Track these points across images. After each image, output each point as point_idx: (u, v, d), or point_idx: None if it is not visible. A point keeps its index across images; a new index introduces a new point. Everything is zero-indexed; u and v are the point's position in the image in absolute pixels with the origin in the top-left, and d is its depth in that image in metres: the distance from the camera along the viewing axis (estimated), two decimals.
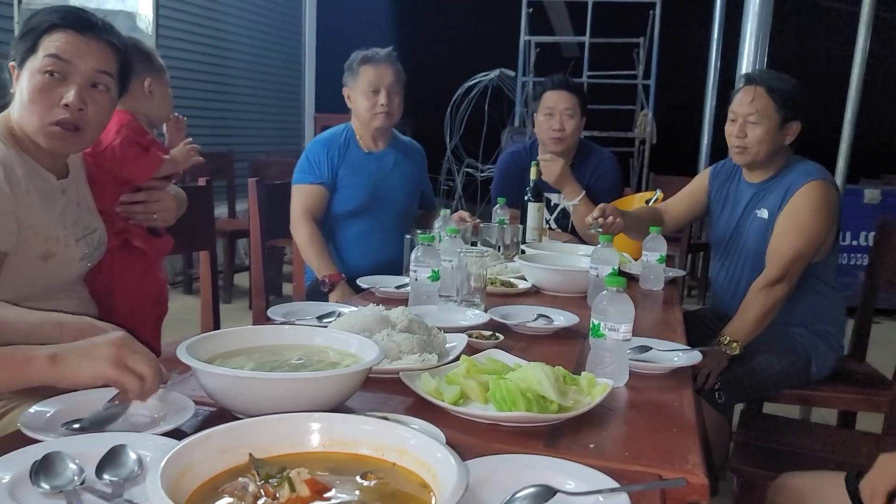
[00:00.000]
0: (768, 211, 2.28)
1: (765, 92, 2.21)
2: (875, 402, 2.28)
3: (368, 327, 1.38)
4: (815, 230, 2.17)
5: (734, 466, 1.88)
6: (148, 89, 1.87)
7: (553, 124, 2.91)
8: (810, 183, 2.18)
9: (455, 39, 8.64)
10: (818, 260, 2.26)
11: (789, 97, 2.19)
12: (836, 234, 2.28)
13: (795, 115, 2.21)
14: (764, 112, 2.20)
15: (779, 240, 2.20)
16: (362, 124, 2.72)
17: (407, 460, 0.82)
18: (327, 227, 2.71)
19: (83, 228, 1.59)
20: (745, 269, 2.35)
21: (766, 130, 2.21)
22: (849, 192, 3.93)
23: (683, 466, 0.99)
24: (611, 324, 1.32)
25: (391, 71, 2.67)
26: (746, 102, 2.23)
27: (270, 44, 7.43)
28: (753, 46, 3.73)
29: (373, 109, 2.65)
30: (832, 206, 2.19)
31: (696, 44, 7.23)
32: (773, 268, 2.18)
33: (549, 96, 2.95)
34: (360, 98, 2.66)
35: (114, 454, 0.89)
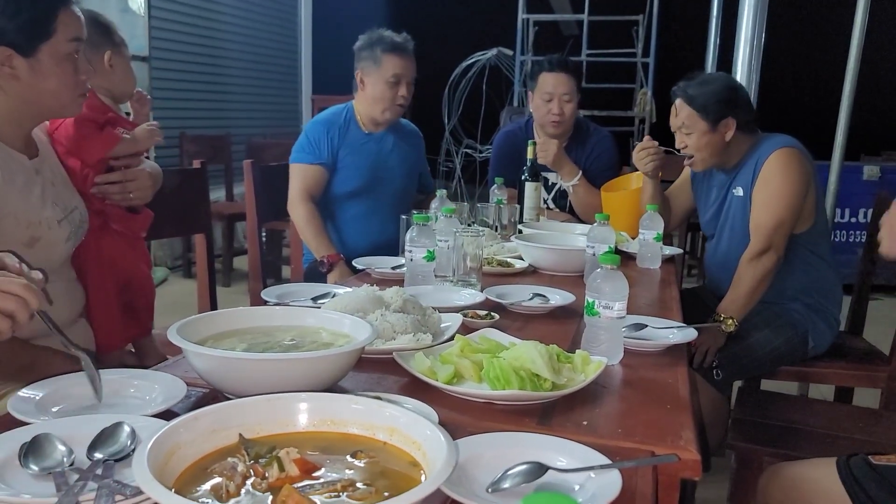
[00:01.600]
0: (743, 188, 2.32)
1: (685, 103, 2.29)
2: (873, 378, 2.29)
3: (362, 308, 1.37)
4: (789, 196, 2.19)
5: (732, 443, 1.88)
6: (108, 63, 1.80)
7: (552, 108, 2.90)
8: (776, 152, 2.22)
9: (452, 18, 8.58)
10: (804, 230, 2.28)
11: (708, 102, 2.25)
12: (816, 202, 2.29)
13: (724, 114, 2.26)
14: (689, 122, 2.29)
15: (757, 211, 2.23)
16: (371, 109, 2.67)
17: (397, 439, 0.82)
18: (326, 208, 2.70)
19: (63, 208, 1.57)
20: (732, 247, 2.36)
21: (699, 136, 2.29)
22: (848, 168, 3.92)
23: (676, 443, 0.99)
24: (605, 301, 1.31)
25: (412, 63, 2.66)
26: (674, 116, 2.35)
27: (267, 25, 7.38)
28: (751, 22, 3.69)
29: (393, 100, 2.62)
30: (803, 170, 2.21)
31: (695, 21, 7.16)
32: (757, 239, 2.20)
33: (546, 79, 2.92)
34: (381, 85, 2.61)
35: (106, 434, 0.89)
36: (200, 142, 5.63)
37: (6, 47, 1.41)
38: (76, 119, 1.70)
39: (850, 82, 3.11)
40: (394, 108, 2.65)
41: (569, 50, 7.60)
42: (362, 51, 2.66)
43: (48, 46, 1.44)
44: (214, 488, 0.72)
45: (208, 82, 6.46)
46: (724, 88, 2.28)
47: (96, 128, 1.74)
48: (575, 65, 3.04)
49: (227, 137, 5.80)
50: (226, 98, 6.75)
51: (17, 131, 1.50)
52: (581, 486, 0.85)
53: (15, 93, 1.45)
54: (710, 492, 2.35)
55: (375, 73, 2.61)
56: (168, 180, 2.01)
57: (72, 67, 1.49)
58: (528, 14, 7.40)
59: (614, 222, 2.08)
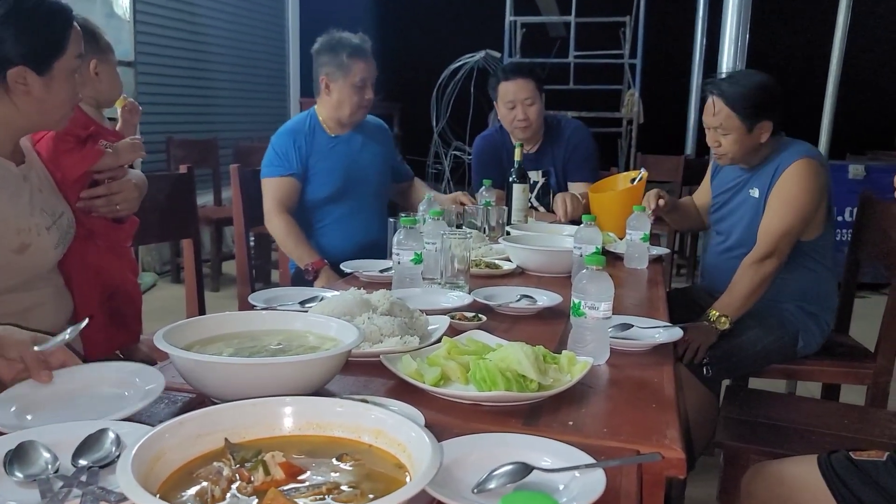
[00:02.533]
0: (759, 190, 2.31)
1: (724, 104, 2.22)
2: (859, 376, 2.30)
3: (349, 311, 1.37)
4: (803, 206, 2.19)
5: (720, 442, 1.89)
6: (94, 71, 1.80)
7: (517, 114, 2.94)
8: (798, 161, 2.21)
9: (440, 21, 8.59)
10: (811, 239, 2.29)
11: (749, 104, 2.20)
12: (827, 213, 2.30)
13: (762, 117, 2.22)
14: (728, 123, 2.23)
15: (769, 217, 2.23)
16: (337, 113, 2.67)
17: (383, 441, 0.82)
18: (305, 217, 2.69)
19: (51, 214, 1.56)
20: (737, 246, 2.37)
21: (735, 138, 2.24)
22: (834, 167, 3.94)
23: (661, 441, 1.00)
24: (591, 302, 1.32)
25: (374, 65, 2.68)
26: (710, 115, 2.27)
27: (253, 28, 7.36)
28: (735, 24, 3.72)
29: (360, 104, 2.64)
30: (820, 183, 2.22)
31: (681, 22, 7.22)
32: (763, 244, 2.21)
33: (506, 87, 2.95)
34: (348, 90, 2.62)
35: (91, 441, 0.89)
36: (187, 146, 5.61)
37: (23, 66, 1.43)
38: (55, 135, 1.68)
39: (832, 83, 3.14)
40: (361, 110, 2.67)
41: (556, 51, 7.64)
42: (323, 55, 2.66)
43: (60, 63, 1.47)
44: (200, 493, 0.72)
45: (195, 86, 6.44)
46: (760, 89, 2.23)
47: (77, 142, 1.73)
48: (530, 67, 3.06)
49: (214, 141, 5.78)
50: (213, 102, 6.73)
51: (6, 140, 1.49)
52: (566, 486, 0.85)
53: (24, 108, 1.47)
54: (699, 490, 2.37)
55: (342, 78, 2.62)
56: (155, 185, 2.00)
57: (74, 82, 1.53)
58: (515, 16, 7.43)
59: (602, 223, 2.10)
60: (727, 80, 2.28)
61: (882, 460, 1.38)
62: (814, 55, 4.35)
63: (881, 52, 7.99)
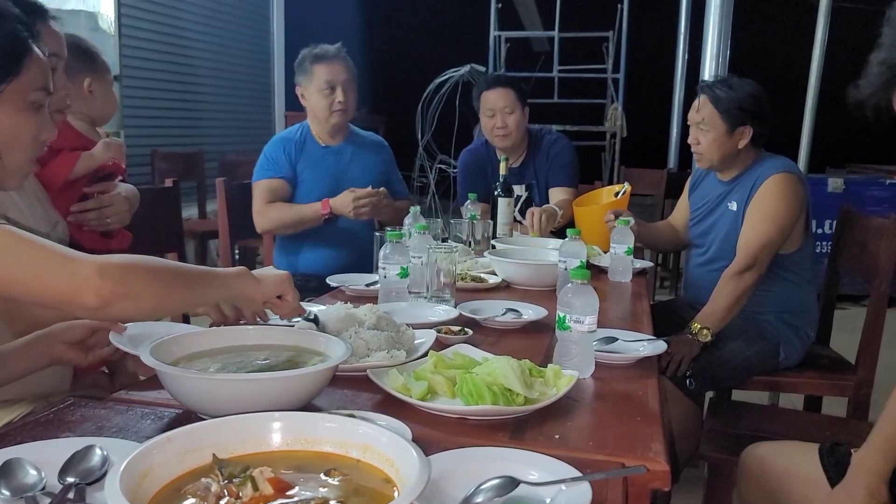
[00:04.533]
0: (737, 203, 2.35)
1: (709, 101, 2.31)
2: (840, 387, 2.32)
3: (335, 326, 1.38)
4: (781, 219, 2.23)
5: (704, 454, 1.90)
6: (88, 89, 1.81)
7: (496, 122, 2.97)
8: (776, 175, 2.25)
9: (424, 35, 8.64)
10: (791, 252, 2.32)
11: (733, 106, 2.28)
12: (805, 226, 2.33)
13: (743, 121, 2.29)
14: (710, 120, 2.30)
15: (748, 230, 2.26)
16: (319, 121, 2.73)
17: (371, 456, 0.82)
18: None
19: (48, 222, 1.56)
20: (717, 259, 2.40)
21: (714, 137, 2.31)
22: (813, 181, 4.01)
23: (646, 454, 1.01)
24: (576, 316, 1.33)
25: (344, 67, 2.70)
26: (695, 111, 2.36)
27: (238, 41, 7.36)
28: (716, 39, 3.78)
29: (330, 107, 2.67)
30: (798, 197, 2.25)
31: (664, 37, 7.30)
32: (743, 256, 2.23)
33: (487, 97, 3.00)
34: (316, 96, 2.68)
35: (78, 458, 0.88)
36: (172, 159, 5.59)
37: None
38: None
39: (812, 97, 3.19)
40: (335, 113, 2.69)
41: (540, 66, 7.69)
42: (297, 69, 2.74)
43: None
44: None
45: (180, 100, 6.43)
46: (749, 96, 2.30)
47: (50, 153, 1.72)
48: (510, 79, 3.11)
49: (199, 155, 5.77)
50: (198, 115, 6.71)
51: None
52: (552, 499, 0.86)
53: None
54: (683, 502, 2.38)
55: (310, 85, 2.69)
56: (140, 199, 2.00)
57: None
58: (499, 31, 7.48)
59: (586, 236, 2.12)
60: (719, 83, 2.35)
61: None
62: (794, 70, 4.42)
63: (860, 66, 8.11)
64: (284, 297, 1.28)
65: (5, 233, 1.02)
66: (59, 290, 1.01)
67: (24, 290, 1.02)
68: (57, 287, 1.01)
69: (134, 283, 1.04)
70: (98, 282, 1.00)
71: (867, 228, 2.38)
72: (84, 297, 1.00)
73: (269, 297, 1.27)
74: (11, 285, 1.01)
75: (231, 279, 1.21)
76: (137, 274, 1.05)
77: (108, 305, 1.01)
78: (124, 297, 1.02)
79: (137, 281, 1.05)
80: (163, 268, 1.10)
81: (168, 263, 1.14)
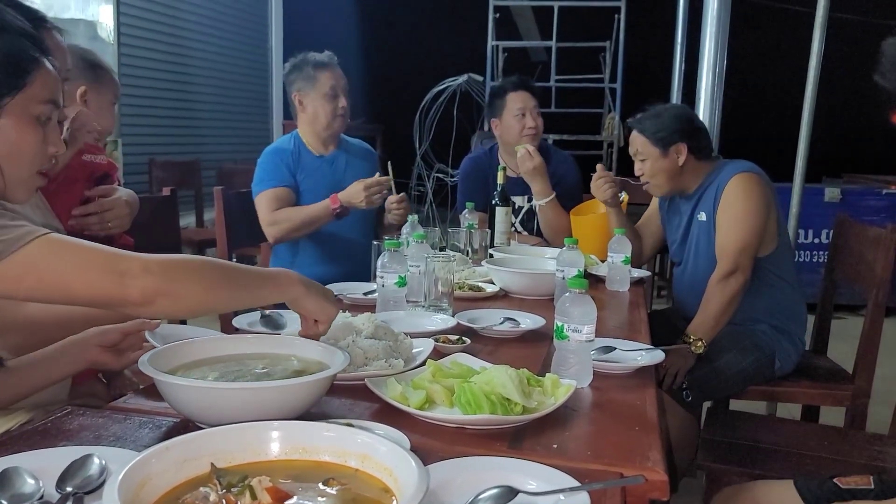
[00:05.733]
0: (706, 213, 2.40)
1: (637, 133, 2.42)
2: (838, 397, 2.33)
3: (333, 335, 1.37)
4: (752, 219, 2.26)
5: (701, 464, 1.90)
6: (81, 98, 1.80)
7: (527, 122, 2.98)
8: (736, 176, 2.30)
9: (423, 45, 8.67)
10: (769, 253, 2.34)
11: (658, 130, 2.37)
12: (778, 225, 2.36)
13: (674, 140, 2.37)
14: (643, 149, 2.41)
15: (722, 235, 2.30)
16: (317, 128, 2.73)
17: (369, 465, 0.82)
18: (292, 240, 2.70)
19: (49, 229, 1.56)
20: (699, 270, 2.42)
21: (652, 163, 2.40)
22: (810, 191, 4.02)
23: (644, 464, 1.01)
24: (574, 325, 1.33)
25: (342, 74, 2.73)
26: (631, 146, 2.47)
27: (236, 50, 7.38)
28: (713, 50, 3.80)
29: (334, 112, 2.69)
30: (764, 195, 2.29)
31: (660, 46, 7.32)
32: (724, 262, 2.26)
33: (515, 97, 3.00)
34: (320, 102, 2.69)
35: (76, 467, 0.88)
36: (169, 168, 5.60)
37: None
38: None
39: (808, 107, 3.20)
40: (336, 119, 2.71)
41: (537, 76, 7.72)
42: (291, 75, 2.73)
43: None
44: None
45: (178, 108, 6.44)
46: (673, 118, 2.40)
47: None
48: (535, 84, 3.14)
49: (196, 163, 5.77)
50: (196, 124, 6.73)
51: None
52: None
53: None
54: None
55: (312, 90, 2.69)
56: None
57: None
58: (497, 41, 7.51)
59: (583, 245, 2.12)
60: (643, 115, 2.45)
61: (870, 487, 1.39)
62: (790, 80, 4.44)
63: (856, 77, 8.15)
64: (321, 323, 1.25)
65: (52, 241, 1.05)
66: (108, 291, 1.04)
67: (75, 295, 1.05)
68: (106, 289, 1.04)
69: (177, 281, 1.07)
70: (143, 279, 1.03)
71: (864, 238, 2.39)
72: (130, 294, 1.03)
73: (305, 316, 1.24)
74: (63, 292, 1.04)
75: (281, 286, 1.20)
76: (182, 271, 1.08)
77: (151, 302, 1.04)
78: (167, 294, 1.05)
79: (181, 279, 1.07)
80: (209, 266, 1.12)
81: (218, 263, 1.16)
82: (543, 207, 2.91)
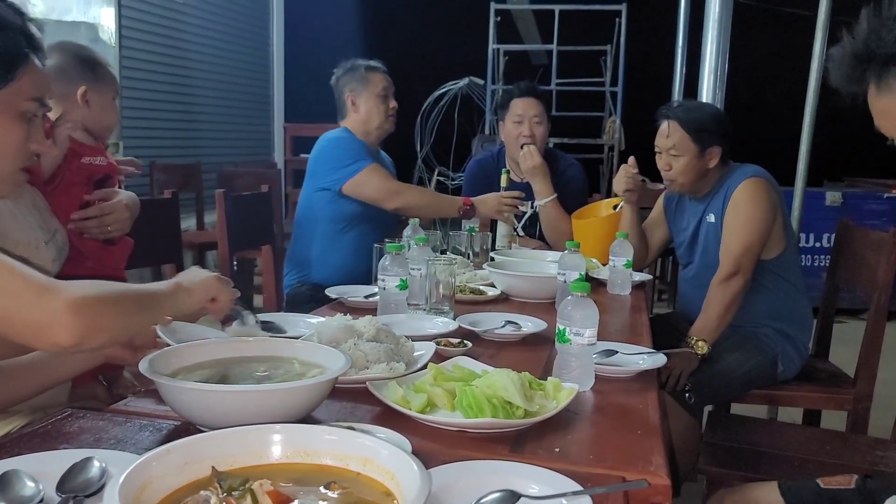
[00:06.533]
0: (715, 215, 2.39)
1: (678, 125, 2.34)
2: (839, 401, 2.32)
3: (335, 337, 1.37)
4: (758, 222, 2.26)
5: (703, 467, 1.90)
6: (82, 98, 1.80)
7: (523, 131, 2.97)
8: (746, 181, 2.30)
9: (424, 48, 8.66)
10: (773, 256, 2.34)
11: (702, 127, 2.32)
12: (784, 229, 2.36)
13: (713, 142, 2.33)
14: (681, 144, 2.33)
15: (727, 237, 2.30)
16: (370, 127, 2.79)
17: (371, 469, 0.82)
18: (330, 231, 2.73)
19: (47, 230, 1.56)
20: (704, 272, 2.41)
21: (686, 161, 2.35)
22: (811, 194, 4.02)
23: (646, 468, 1.01)
24: (576, 329, 1.33)
25: (391, 80, 2.85)
26: (664, 136, 2.38)
27: (238, 53, 7.39)
28: (714, 53, 3.80)
29: (386, 112, 2.79)
30: (771, 199, 2.29)
31: (661, 50, 7.32)
32: (726, 263, 2.26)
33: (517, 103, 3.00)
34: (374, 101, 2.77)
35: (76, 470, 0.88)
36: (171, 170, 5.59)
37: None
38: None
39: (810, 111, 3.21)
40: (388, 119, 2.81)
41: (538, 79, 7.72)
42: (344, 77, 2.81)
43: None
44: None
45: (179, 111, 6.44)
46: (713, 118, 2.37)
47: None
48: (543, 91, 3.13)
49: (197, 166, 5.77)
50: (197, 126, 6.72)
51: None
52: None
53: None
54: None
55: (365, 91, 2.78)
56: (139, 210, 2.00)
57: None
58: (498, 44, 7.52)
59: (585, 249, 2.12)
60: (682, 107, 2.40)
61: (850, 487, 1.39)
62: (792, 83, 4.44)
63: None
64: (217, 299, 1.28)
65: None
66: (31, 327, 1.00)
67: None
68: (28, 325, 1.00)
69: (103, 317, 1.04)
70: (70, 319, 0.99)
71: (866, 242, 2.38)
72: (57, 335, 0.99)
73: (201, 305, 1.27)
74: None
75: (171, 296, 1.20)
76: (105, 306, 1.05)
77: (81, 343, 1.01)
78: (97, 331, 1.03)
79: (106, 314, 1.05)
80: (124, 295, 1.10)
81: (123, 289, 1.12)
82: (545, 207, 2.91)
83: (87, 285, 1.05)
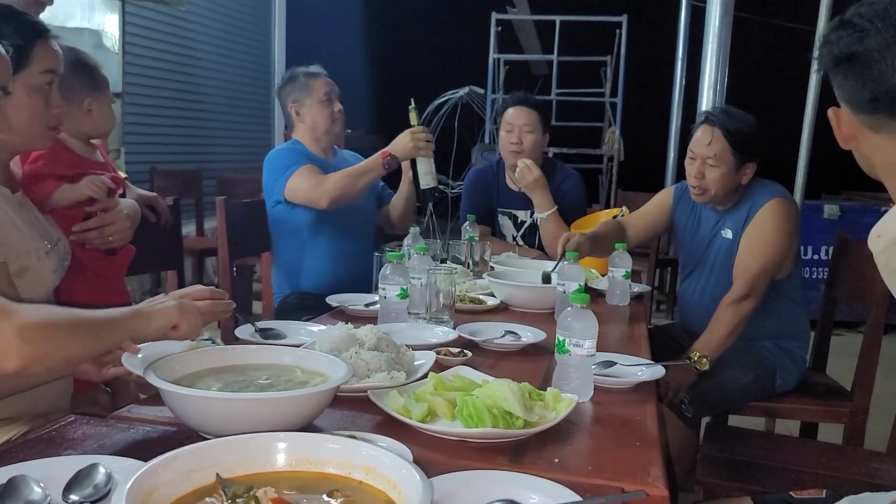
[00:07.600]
0: (732, 231, 2.34)
1: (722, 135, 2.23)
2: (836, 414, 2.33)
3: (336, 346, 1.38)
4: (778, 246, 2.23)
5: (700, 479, 1.90)
6: (87, 108, 1.83)
7: (511, 138, 2.98)
8: (772, 201, 2.26)
9: (425, 57, 8.71)
10: (783, 276, 2.32)
11: (746, 140, 2.23)
12: (797, 250, 2.35)
13: (751, 157, 2.26)
14: (721, 156, 2.23)
15: (744, 257, 2.26)
16: (318, 134, 2.76)
17: (373, 478, 0.83)
18: (298, 243, 2.71)
19: (49, 239, 1.57)
20: (712, 287, 2.40)
21: (722, 174, 2.25)
22: (809, 207, 4.04)
23: (645, 479, 1.02)
24: (575, 339, 1.34)
25: (333, 82, 2.80)
26: (704, 144, 2.26)
27: (240, 61, 7.42)
28: (714, 65, 3.83)
29: (332, 115, 2.74)
30: (793, 223, 2.27)
31: (661, 61, 7.37)
32: (741, 284, 2.23)
33: (509, 113, 3.02)
34: (318, 107, 2.73)
35: (82, 476, 0.89)
36: (171, 176, 5.61)
37: None
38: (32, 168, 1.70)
39: (808, 124, 3.23)
40: (336, 123, 2.76)
41: (538, 89, 7.77)
42: (285, 88, 2.80)
43: (21, 77, 1.42)
44: None
45: (180, 117, 6.46)
46: (757, 130, 2.26)
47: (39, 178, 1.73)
48: (537, 101, 3.13)
49: (198, 172, 5.79)
50: (198, 133, 6.75)
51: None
52: None
53: None
54: None
55: (308, 98, 2.75)
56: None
57: (43, 100, 1.48)
58: (499, 54, 7.56)
59: (584, 259, 2.13)
60: (726, 114, 2.28)
61: (821, 497, 1.40)
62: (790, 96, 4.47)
63: None
64: (178, 327, 1.21)
65: None
66: None
67: None
68: None
69: (51, 342, 1.03)
70: (19, 345, 0.99)
71: (863, 255, 2.38)
72: (3, 362, 0.99)
73: (159, 334, 1.21)
74: None
75: (128, 322, 1.16)
76: (55, 332, 1.04)
77: (28, 368, 1.01)
78: (45, 358, 1.02)
79: (56, 339, 1.04)
80: (75, 322, 1.08)
81: (78, 315, 1.11)
82: (545, 220, 2.91)
83: (40, 310, 1.05)
